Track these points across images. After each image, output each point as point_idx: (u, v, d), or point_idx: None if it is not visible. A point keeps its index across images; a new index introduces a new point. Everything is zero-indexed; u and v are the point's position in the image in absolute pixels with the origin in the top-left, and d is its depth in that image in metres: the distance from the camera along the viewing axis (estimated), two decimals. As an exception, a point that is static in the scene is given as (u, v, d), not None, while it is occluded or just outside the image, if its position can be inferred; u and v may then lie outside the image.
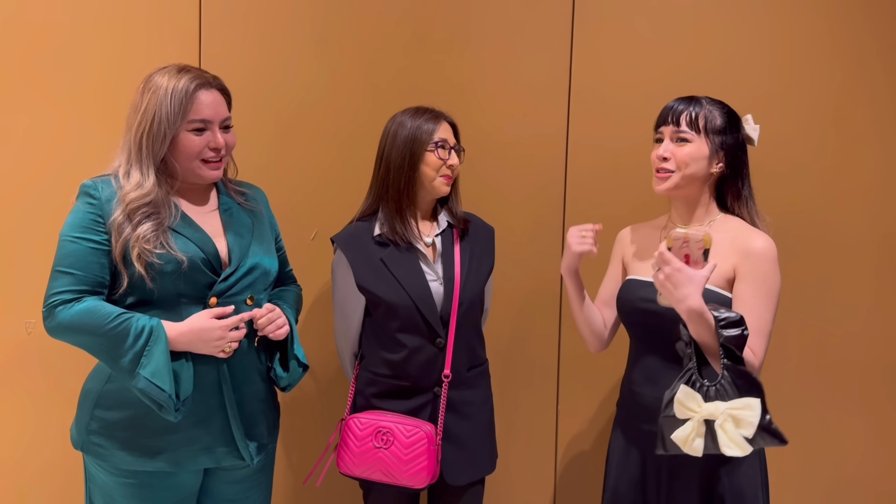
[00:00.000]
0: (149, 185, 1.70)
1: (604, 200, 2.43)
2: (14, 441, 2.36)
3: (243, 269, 1.79)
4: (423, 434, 1.91)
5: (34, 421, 2.34)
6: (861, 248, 2.47)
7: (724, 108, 1.84)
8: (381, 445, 1.92)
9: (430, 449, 1.91)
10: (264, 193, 2.01)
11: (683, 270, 1.61)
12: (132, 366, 1.64)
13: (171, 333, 1.68)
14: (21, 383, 2.34)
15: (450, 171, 1.99)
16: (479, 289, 2.05)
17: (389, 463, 1.92)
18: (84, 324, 1.64)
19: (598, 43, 2.42)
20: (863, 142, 2.43)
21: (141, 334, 1.65)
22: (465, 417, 2.01)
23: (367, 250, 2.00)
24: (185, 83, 1.71)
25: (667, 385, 1.77)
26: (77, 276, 1.66)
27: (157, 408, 1.66)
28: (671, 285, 1.62)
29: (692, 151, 1.80)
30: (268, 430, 1.88)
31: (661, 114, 1.86)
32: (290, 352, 1.87)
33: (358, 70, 2.39)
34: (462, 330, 2.00)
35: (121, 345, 1.64)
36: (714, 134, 1.80)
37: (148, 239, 1.67)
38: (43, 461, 2.35)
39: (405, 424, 1.93)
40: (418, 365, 1.97)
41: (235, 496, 1.87)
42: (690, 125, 1.80)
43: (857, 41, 2.40)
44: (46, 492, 2.37)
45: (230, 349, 1.74)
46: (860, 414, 2.51)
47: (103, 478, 1.76)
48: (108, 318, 1.64)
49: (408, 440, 1.91)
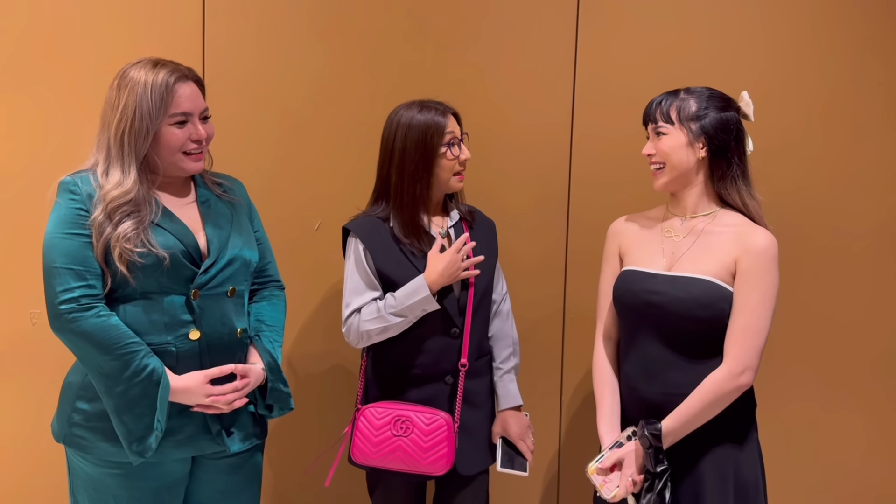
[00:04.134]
0: (129, 184, 1.68)
1: (608, 191, 2.42)
2: (18, 430, 2.37)
3: (223, 260, 1.79)
4: (442, 421, 1.94)
5: (39, 410, 2.35)
6: (861, 239, 2.45)
7: (705, 93, 1.85)
8: (400, 434, 1.94)
9: (450, 436, 1.94)
10: (242, 184, 1.99)
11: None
12: (120, 401, 1.66)
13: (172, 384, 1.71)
14: (26, 373, 2.35)
15: (462, 167, 2.00)
16: (489, 279, 2.07)
17: (409, 451, 1.93)
18: (96, 339, 1.65)
19: (603, 34, 2.41)
20: (863, 133, 2.42)
21: (143, 371, 1.67)
22: (475, 406, 2.03)
23: (385, 241, 1.98)
24: (164, 77, 1.70)
25: (667, 380, 1.80)
26: (78, 272, 1.66)
27: (126, 445, 1.68)
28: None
29: (670, 142, 1.84)
30: (253, 419, 1.88)
31: (643, 114, 1.91)
32: (269, 397, 1.86)
33: (362, 62, 2.39)
34: (476, 320, 2.02)
35: (121, 373, 1.65)
36: (689, 121, 1.82)
37: (129, 238, 1.66)
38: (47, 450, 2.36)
39: (423, 413, 1.95)
40: (432, 354, 1.99)
41: (226, 486, 1.87)
42: (665, 118, 1.84)
43: (856, 33, 2.39)
44: (51, 480, 2.38)
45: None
46: (861, 409, 2.50)
47: (87, 470, 1.76)
48: (120, 342, 1.66)
49: (427, 427, 1.93)
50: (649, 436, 1.75)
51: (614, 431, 1.88)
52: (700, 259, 1.81)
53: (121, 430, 1.67)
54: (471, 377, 2.02)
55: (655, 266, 1.86)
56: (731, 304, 1.77)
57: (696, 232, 1.85)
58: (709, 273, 1.79)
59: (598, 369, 1.97)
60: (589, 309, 2.33)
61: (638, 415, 1.85)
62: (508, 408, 2.09)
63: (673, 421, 1.76)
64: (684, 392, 1.77)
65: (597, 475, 1.82)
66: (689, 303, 1.77)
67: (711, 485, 1.78)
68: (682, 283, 1.79)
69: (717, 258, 1.79)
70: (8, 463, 2.38)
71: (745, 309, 1.75)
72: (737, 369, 1.75)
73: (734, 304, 1.77)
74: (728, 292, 1.78)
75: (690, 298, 1.77)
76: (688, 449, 1.79)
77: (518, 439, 2.05)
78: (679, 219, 1.90)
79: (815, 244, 2.45)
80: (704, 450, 1.79)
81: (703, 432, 1.78)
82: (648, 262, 1.88)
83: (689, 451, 1.79)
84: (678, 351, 1.81)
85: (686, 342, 1.80)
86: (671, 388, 1.80)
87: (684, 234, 1.87)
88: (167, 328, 1.73)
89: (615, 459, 1.81)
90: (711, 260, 1.80)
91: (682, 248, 1.85)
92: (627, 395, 1.91)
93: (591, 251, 1.94)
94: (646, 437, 1.75)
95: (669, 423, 1.76)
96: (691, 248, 1.84)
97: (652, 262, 1.87)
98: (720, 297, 1.77)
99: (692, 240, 1.85)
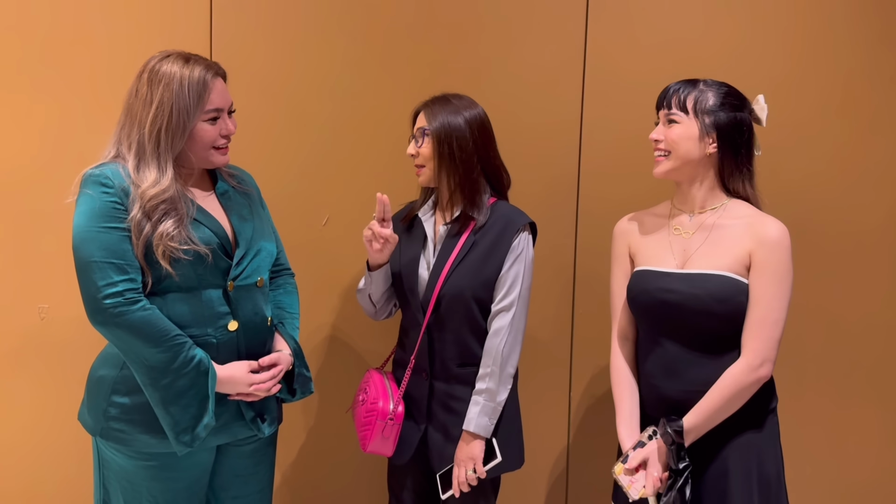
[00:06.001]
0: (166, 182, 1.69)
1: (617, 185, 2.41)
2: (28, 426, 2.37)
3: (252, 251, 1.82)
4: (378, 406, 1.95)
5: (48, 406, 2.35)
6: (873, 233, 2.44)
7: (723, 88, 1.83)
8: (360, 401, 2.04)
9: (377, 423, 1.94)
10: (251, 176, 2.00)
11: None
12: (165, 394, 1.68)
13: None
14: (35, 368, 2.35)
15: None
16: (474, 285, 1.93)
17: (357, 420, 2.05)
18: (144, 332, 1.66)
19: (613, 24, 2.39)
20: (875, 128, 2.40)
21: (191, 362, 1.69)
22: (453, 412, 1.97)
23: (399, 227, 2.06)
24: (200, 73, 1.71)
25: (688, 377, 1.79)
26: (119, 266, 1.65)
27: (174, 436, 1.70)
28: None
29: (681, 132, 1.81)
30: (277, 403, 1.93)
31: (658, 98, 1.88)
32: (295, 381, 1.92)
33: (371, 56, 2.37)
34: (445, 323, 1.96)
35: (169, 365, 1.67)
36: (704, 114, 1.80)
37: (172, 236, 1.67)
38: (58, 446, 2.37)
39: (376, 392, 1.98)
40: (406, 346, 2.04)
41: (245, 470, 1.91)
42: (680, 106, 1.82)
43: (868, 27, 2.37)
44: (62, 475, 2.39)
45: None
46: (874, 403, 2.49)
47: (121, 462, 1.77)
48: (167, 334, 1.67)
49: (370, 405, 1.98)
50: (672, 433, 1.74)
51: (634, 433, 1.87)
52: (713, 254, 1.80)
53: (167, 421, 1.69)
54: (451, 381, 1.98)
55: (667, 265, 1.85)
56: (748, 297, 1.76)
57: (706, 227, 1.84)
58: (723, 268, 1.77)
59: (615, 370, 1.95)
60: (598, 304, 2.33)
61: (659, 412, 1.84)
62: (464, 430, 1.93)
63: (694, 417, 1.76)
64: (705, 388, 1.77)
65: (624, 475, 1.82)
66: (707, 299, 1.76)
67: (736, 480, 1.78)
68: (698, 280, 1.78)
69: (730, 252, 1.78)
70: (20, 457, 2.39)
71: (761, 301, 1.74)
72: (755, 362, 1.74)
73: (750, 297, 1.76)
74: (744, 285, 1.77)
75: (707, 295, 1.76)
76: (711, 444, 1.79)
77: (455, 464, 1.94)
78: (687, 215, 1.88)
79: (827, 238, 2.43)
80: (728, 444, 1.79)
81: (727, 427, 1.77)
82: (660, 261, 1.87)
83: (712, 445, 1.79)
84: (698, 347, 1.80)
85: (706, 338, 1.79)
86: (693, 384, 1.79)
87: (694, 231, 1.85)
88: (208, 320, 1.75)
89: (640, 459, 1.80)
90: (725, 254, 1.79)
91: (694, 244, 1.84)
92: (648, 394, 1.89)
93: (601, 244, 1.93)
94: (668, 434, 1.74)
95: (691, 419, 1.76)
96: (703, 243, 1.82)
97: (664, 261, 1.86)
98: (737, 291, 1.76)
99: (703, 235, 1.83)
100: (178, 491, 1.78)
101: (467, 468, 1.92)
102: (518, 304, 1.94)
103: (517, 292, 1.94)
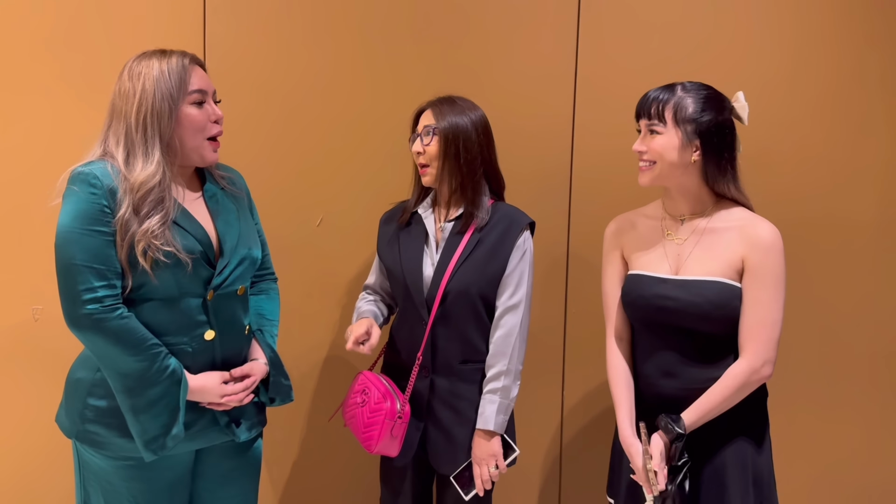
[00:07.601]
0: (152, 167, 1.66)
1: (610, 187, 2.41)
2: (20, 427, 2.37)
3: (235, 260, 1.79)
4: (386, 405, 1.94)
5: (41, 407, 2.35)
6: (862, 233, 2.45)
7: (702, 92, 1.80)
8: (359, 403, 2.01)
9: (385, 422, 1.93)
10: (242, 176, 1.98)
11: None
12: (135, 401, 1.67)
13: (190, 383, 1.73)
14: (28, 369, 2.35)
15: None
16: (480, 282, 1.95)
17: (359, 421, 2.00)
18: (122, 340, 1.65)
19: (604, 29, 2.40)
20: (865, 129, 2.42)
21: (164, 371, 1.68)
22: (454, 410, 1.99)
23: (394, 225, 2.08)
24: (177, 59, 1.71)
25: (687, 377, 1.81)
26: (99, 271, 1.64)
27: (142, 444, 1.69)
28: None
29: (663, 142, 1.79)
30: (256, 408, 1.90)
31: (636, 106, 1.85)
32: (271, 391, 1.89)
33: (363, 57, 2.38)
34: (450, 319, 1.97)
35: (144, 373, 1.66)
36: (685, 123, 1.78)
37: (156, 234, 1.65)
38: (49, 446, 2.37)
39: (381, 392, 1.97)
40: (408, 342, 2.02)
41: (227, 474, 1.89)
42: (659, 116, 1.79)
43: (864, 25, 2.38)
44: (53, 477, 2.38)
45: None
46: (865, 405, 2.51)
47: (100, 464, 1.76)
48: (144, 342, 1.67)
49: (374, 405, 1.96)
50: (676, 432, 1.75)
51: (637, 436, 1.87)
52: (707, 260, 1.81)
53: (136, 428, 1.67)
54: (453, 378, 1.99)
55: (662, 270, 1.85)
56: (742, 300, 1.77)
57: (698, 232, 1.84)
58: (718, 273, 1.78)
59: (613, 369, 1.94)
60: (591, 305, 2.34)
61: (657, 409, 1.84)
62: (480, 429, 1.96)
63: (692, 414, 1.77)
64: (704, 386, 1.78)
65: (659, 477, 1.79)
66: (705, 306, 1.77)
67: (734, 472, 1.79)
68: (694, 287, 1.79)
69: (723, 257, 1.79)
70: (10, 458, 2.38)
71: (757, 304, 1.75)
72: (757, 363, 1.76)
73: (745, 300, 1.77)
74: (738, 290, 1.77)
75: (705, 301, 1.77)
76: (709, 437, 1.80)
77: (475, 463, 1.97)
78: (678, 219, 1.88)
79: (817, 238, 2.45)
80: (725, 439, 1.81)
81: (723, 421, 1.79)
82: (654, 265, 1.87)
83: (710, 438, 1.80)
84: (695, 349, 1.81)
85: (702, 342, 1.80)
86: (691, 383, 1.81)
87: (687, 235, 1.86)
88: (185, 329, 1.73)
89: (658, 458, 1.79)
90: (718, 259, 1.79)
91: (687, 249, 1.84)
92: (646, 391, 1.90)
93: (593, 247, 1.94)
94: (673, 431, 1.75)
95: (691, 416, 1.77)
96: (695, 249, 1.83)
97: (658, 266, 1.86)
98: (733, 296, 1.77)
99: (695, 240, 1.84)
100: (158, 491, 1.77)
101: (489, 465, 1.95)
102: (525, 302, 1.97)
103: (524, 290, 1.97)
